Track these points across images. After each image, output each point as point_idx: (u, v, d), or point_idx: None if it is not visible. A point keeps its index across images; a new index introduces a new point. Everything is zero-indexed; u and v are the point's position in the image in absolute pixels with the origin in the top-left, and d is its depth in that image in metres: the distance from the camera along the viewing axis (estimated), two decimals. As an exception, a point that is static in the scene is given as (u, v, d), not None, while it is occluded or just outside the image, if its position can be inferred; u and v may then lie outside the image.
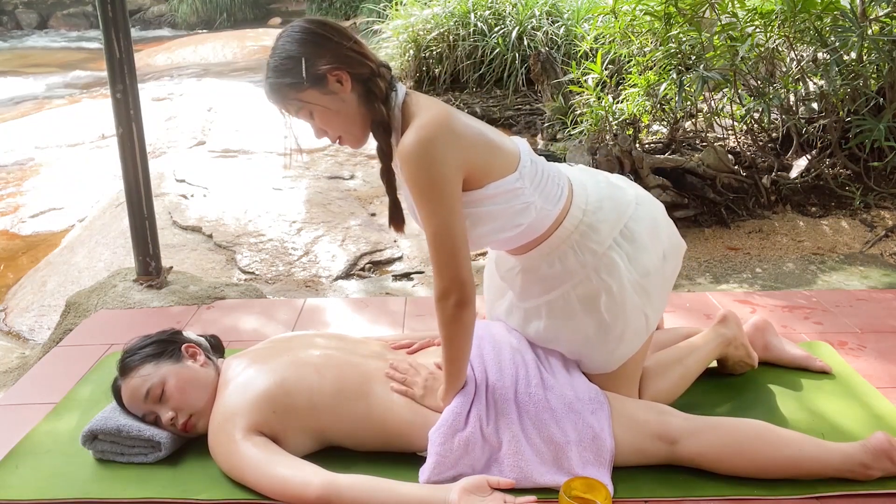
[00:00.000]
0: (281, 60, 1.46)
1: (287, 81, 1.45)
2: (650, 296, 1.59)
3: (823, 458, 1.48)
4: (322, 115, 1.48)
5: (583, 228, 1.56)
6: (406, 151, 1.41)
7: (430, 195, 1.42)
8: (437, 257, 1.44)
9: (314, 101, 1.46)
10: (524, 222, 1.53)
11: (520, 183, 1.51)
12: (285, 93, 1.47)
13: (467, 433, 1.49)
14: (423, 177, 1.41)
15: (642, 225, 1.60)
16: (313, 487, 1.41)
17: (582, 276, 1.56)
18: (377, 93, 1.48)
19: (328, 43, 1.46)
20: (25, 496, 1.51)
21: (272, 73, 1.47)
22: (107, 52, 2.47)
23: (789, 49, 3.70)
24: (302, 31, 1.47)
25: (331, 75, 1.45)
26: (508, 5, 6.29)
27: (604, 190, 1.62)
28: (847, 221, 3.60)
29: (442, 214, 1.43)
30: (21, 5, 15.84)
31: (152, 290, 2.64)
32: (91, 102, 7.52)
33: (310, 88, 1.45)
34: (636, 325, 1.59)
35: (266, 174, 4.64)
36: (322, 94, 1.46)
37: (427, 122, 1.42)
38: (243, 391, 1.57)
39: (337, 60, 1.45)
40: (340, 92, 1.46)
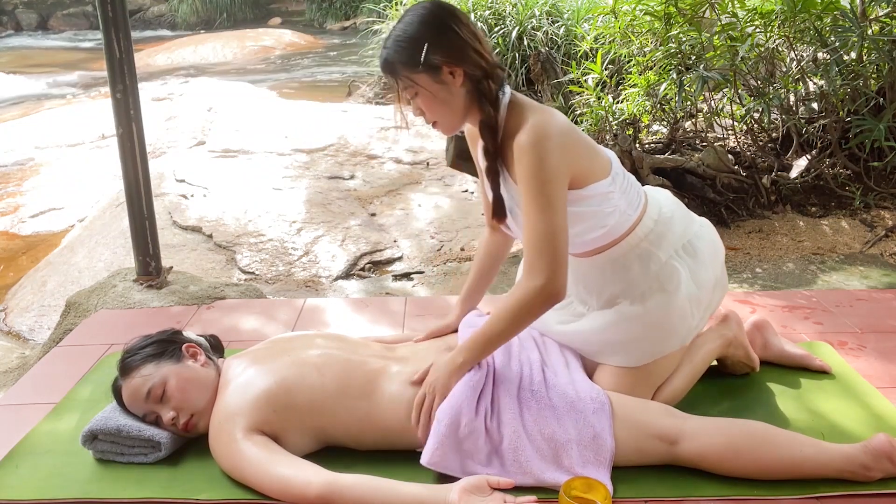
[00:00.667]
0: (404, 37, 1.48)
1: (403, 59, 1.48)
2: (699, 309, 1.65)
3: (824, 460, 1.48)
4: (426, 100, 1.51)
5: (652, 237, 1.63)
6: (523, 148, 1.45)
7: (543, 193, 1.46)
8: (543, 253, 1.47)
9: (423, 85, 1.49)
10: (609, 224, 1.59)
11: (612, 187, 1.58)
12: (398, 68, 1.49)
13: (474, 422, 1.49)
14: (539, 175, 1.45)
15: (705, 244, 1.69)
16: (314, 487, 1.41)
17: (643, 286, 1.62)
18: (486, 93, 1.51)
19: (453, 35, 1.48)
20: (25, 496, 1.51)
21: (392, 44, 1.49)
22: (107, 52, 2.47)
23: (789, 49, 3.70)
24: (431, 13, 1.49)
25: (446, 66, 1.47)
26: (508, 5, 6.29)
27: (675, 205, 1.72)
28: (847, 221, 3.60)
29: (553, 209, 1.46)
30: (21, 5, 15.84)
31: (152, 290, 2.64)
32: (91, 102, 7.52)
33: (423, 73, 1.47)
34: (679, 328, 1.64)
35: (266, 174, 4.65)
36: (433, 80, 1.49)
37: (542, 122, 1.47)
38: (244, 391, 1.57)
39: (456, 55, 1.48)
40: (451, 84, 1.49)
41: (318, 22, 14.47)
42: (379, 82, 6.99)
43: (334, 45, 11.73)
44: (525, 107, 1.53)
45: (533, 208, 1.47)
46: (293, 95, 7.69)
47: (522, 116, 1.50)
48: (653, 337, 1.63)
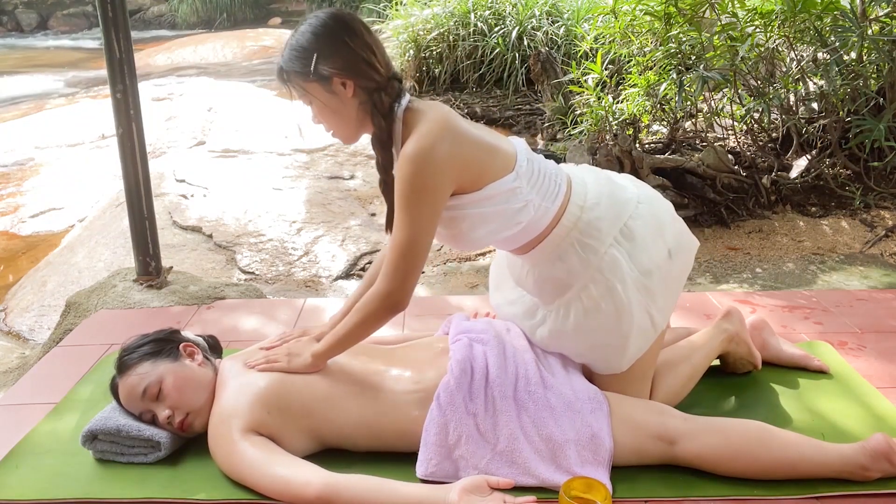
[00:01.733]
0: (297, 46, 1.50)
1: (295, 68, 1.50)
2: (654, 295, 1.59)
3: (822, 460, 1.48)
4: (320, 109, 1.52)
5: (581, 225, 1.57)
6: (404, 158, 1.44)
7: (416, 202, 1.45)
8: (398, 262, 1.48)
9: (315, 95, 1.50)
10: (523, 220, 1.54)
11: (517, 182, 1.53)
12: (291, 77, 1.51)
13: (462, 428, 1.49)
14: (415, 183, 1.44)
15: (642, 223, 1.60)
16: (313, 487, 1.41)
17: (587, 278, 1.57)
18: (379, 107, 1.50)
19: (343, 47, 1.48)
20: (25, 496, 1.51)
21: (287, 53, 1.51)
22: (107, 52, 2.47)
23: (789, 49, 3.70)
24: (324, 24, 1.49)
25: (336, 78, 1.47)
26: (508, 5, 6.29)
27: (603, 187, 1.63)
28: (847, 221, 3.60)
29: (420, 224, 1.46)
30: (21, 5, 15.84)
31: (152, 290, 2.64)
32: (91, 102, 7.52)
33: (314, 83, 1.49)
34: (641, 324, 1.58)
35: (266, 174, 4.64)
36: (324, 90, 1.49)
37: (428, 131, 1.45)
38: (241, 392, 1.57)
39: (346, 67, 1.48)
40: (342, 95, 1.49)
41: (319, 22, 14.45)
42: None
43: (334, 45, 11.71)
44: (418, 114, 1.50)
45: (399, 218, 1.47)
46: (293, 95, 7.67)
47: (415, 125, 1.48)
48: (619, 338, 1.58)
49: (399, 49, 6.59)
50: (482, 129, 1.57)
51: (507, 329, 1.75)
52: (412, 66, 6.51)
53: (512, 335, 1.72)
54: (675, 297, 1.68)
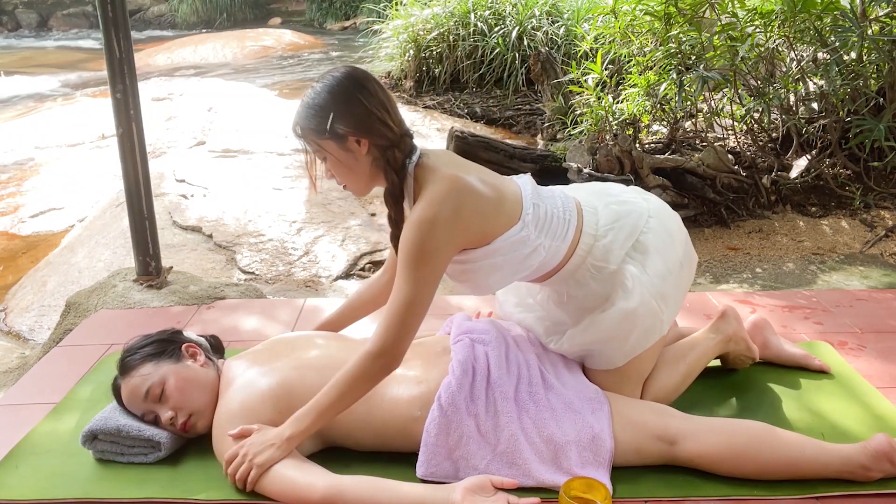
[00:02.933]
0: (312, 104, 1.51)
1: (311, 126, 1.51)
2: (665, 298, 1.63)
3: (823, 460, 1.48)
4: (334, 165, 1.54)
5: (596, 252, 1.61)
6: (410, 223, 1.47)
7: (418, 265, 1.47)
8: (394, 322, 1.47)
9: (330, 152, 1.52)
10: (535, 263, 1.58)
11: (524, 231, 1.55)
12: (306, 133, 1.53)
13: (463, 428, 1.50)
14: (418, 248, 1.46)
15: (654, 236, 1.64)
16: (317, 488, 1.41)
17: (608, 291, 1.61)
18: (392, 163, 1.52)
19: (359, 107, 1.49)
20: (25, 496, 1.52)
21: (302, 109, 1.53)
22: (107, 52, 2.47)
23: (789, 49, 3.70)
24: (339, 83, 1.50)
25: (351, 136, 1.49)
26: (508, 5, 6.29)
27: (614, 212, 1.67)
28: (847, 221, 3.60)
29: (419, 288, 1.47)
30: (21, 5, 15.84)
31: (152, 290, 2.64)
32: (91, 102, 7.52)
33: (329, 140, 1.50)
34: (648, 324, 1.61)
35: (266, 174, 4.64)
36: (339, 148, 1.51)
37: (434, 197, 1.47)
38: (245, 392, 1.57)
39: (361, 126, 1.49)
40: (356, 152, 1.51)
41: (318, 22, 14.47)
42: (379, 82, 6.98)
43: (334, 45, 11.73)
44: (430, 172, 1.51)
45: (401, 280, 1.48)
46: (293, 95, 7.68)
47: (426, 184, 1.50)
48: (623, 336, 1.61)
49: (399, 49, 6.59)
50: (489, 178, 1.57)
51: (509, 329, 1.76)
52: (412, 66, 6.51)
53: (514, 336, 1.73)
54: (679, 306, 1.71)
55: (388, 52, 6.84)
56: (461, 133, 3.81)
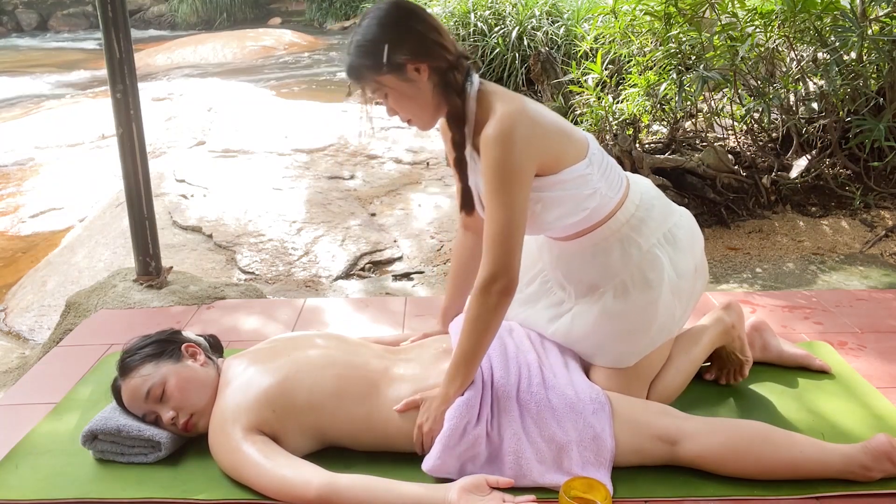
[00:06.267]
0: (364, 41, 1.48)
1: (367, 63, 1.48)
2: (681, 299, 1.65)
3: (824, 460, 1.48)
4: (396, 99, 1.52)
5: (634, 222, 1.62)
6: (489, 141, 1.45)
7: (506, 185, 1.46)
8: (496, 245, 1.47)
9: (390, 85, 1.49)
10: (589, 207, 1.58)
11: (589, 169, 1.57)
12: (364, 73, 1.50)
13: (479, 429, 1.50)
14: (501, 170, 1.45)
15: (684, 233, 1.68)
16: (313, 487, 1.41)
17: (625, 274, 1.61)
18: (453, 85, 1.51)
19: (412, 32, 1.48)
20: (25, 496, 1.51)
21: (354, 51, 1.50)
22: (107, 52, 2.47)
23: (789, 49, 3.70)
24: (388, 13, 1.49)
25: (410, 64, 1.47)
26: (508, 5, 6.29)
27: (655, 191, 1.71)
28: (847, 221, 3.60)
29: (513, 205, 1.46)
30: (21, 5, 15.84)
31: (152, 290, 2.64)
32: (91, 102, 7.52)
33: (388, 73, 1.47)
34: (664, 321, 1.63)
35: (266, 174, 4.64)
36: (399, 80, 1.48)
37: (509, 113, 1.46)
38: (244, 391, 1.57)
39: (418, 51, 1.47)
40: (418, 80, 1.49)
41: (318, 22, 14.47)
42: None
43: (334, 45, 11.73)
44: (494, 96, 1.52)
45: (493, 203, 1.47)
46: (293, 95, 7.69)
47: (491, 106, 1.49)
48: (638, 334, 1.62)
49: (399, 49, 6.59)
50: (557, 116, 1.59)
51: (510, 330, 1.76)
52: (412, 66, 6.51)
53: (514, 336, 1.73)
54: (691, 310, 1.73)
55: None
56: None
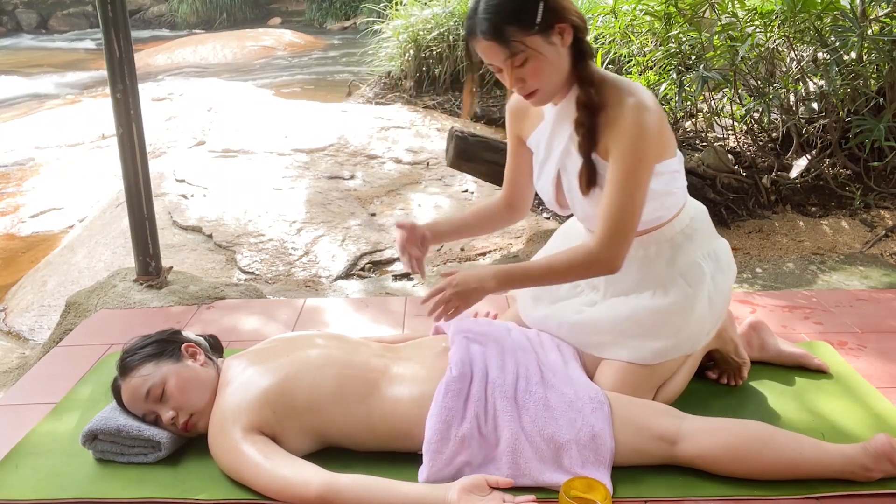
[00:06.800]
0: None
1: (515, 20, 1.39)
2: (713, 314, 1.66)
3: (824, 461, 1.47)
4: (537, 65, 1.43)
5: (688, 231, 1.65)
6: (629, 126, 1.44)
7: (638, 172, 1.46)
8: (617, 226, 1.48)
9: (535, 48, 1.41)
10: (668, 205, 1.60)
11: (678, 165, 1.59)
12: (509, 33, 1.39)
13: (464, 429, 1.49)
14: (639, 154, 1.45)
15: (725, 257, 1.71)
16: (313, 487, 1.41)
17: (667, 280, 1.64)
18: (588, 51, 1.47)
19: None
20: (25, 496, 1.51)
21: (498, 8, 1.40)
22: (107, 52, 2.47)
23: (789, 49, 3.70)
24: None
25: (558, 24, 1.41)
26: (509, 5, 6.29)
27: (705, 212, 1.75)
28: (847, 221, 3.60)
29: (640, 190, 1.48)
30: (21, 5, 15.84)
31: (152, 290, 2.64)
32: (91, 102, 7.52)
33: (537, 34, 1.40)
34: (694, 330, 1.65)
35: (266, 174, 4.64)
36: (545, 41, 1.42)
37: (643, 99, 1.47)
38: (244, 391, 1.57)
39: (568, 13, 1.42)
40: (559, 45, 1.44)
41: (318, 22, 14.47)
42: (379, 82, 6.99)
43: (334, 45, 11.73)
44: (606, 75, 1.50)
45: (627, 185, 1.46)
46: (293, 95, 7.69)
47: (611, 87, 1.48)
48: (667, 335, 1.63)
49: (399, 49, 6.59)
50: None
51: (508, 329, 1.76)
52: (412, 66, 6.51)
53: (513, 335, 1.73)
54: (714, 333, 1.74)
55: (388, 52, 6.83)
56: (461, 133, 3.81)
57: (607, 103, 1.49)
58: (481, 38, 1.42)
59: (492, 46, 1.42)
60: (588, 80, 1.48)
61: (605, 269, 1.52)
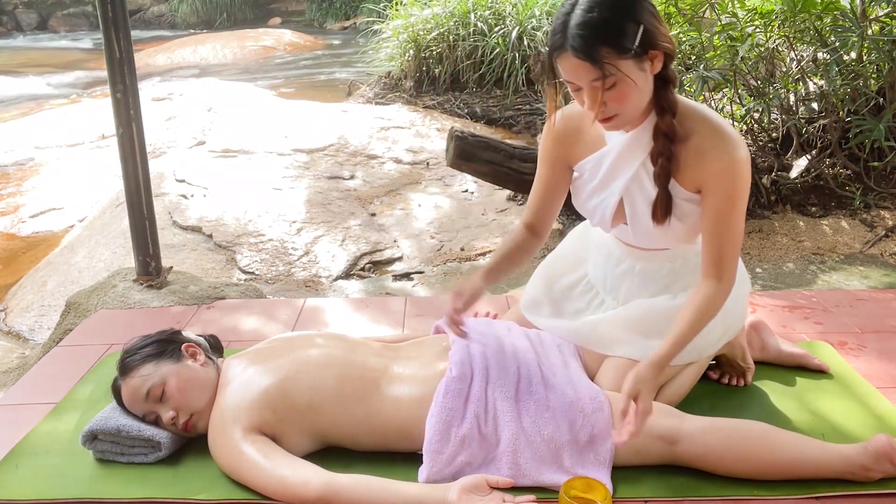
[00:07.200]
0: (615, 16, 1.32)
1: (611, 43, 1.31)
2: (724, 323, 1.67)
3: (824, 461, 1.48)
4: (624, 89, 1.36)
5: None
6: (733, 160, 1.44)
7: (741, 203, 1.48)
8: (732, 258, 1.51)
9: (627, 73, 1.34)
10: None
11: None
12: (602, 54, 1.31)
13: (464, 430, 1.49)
14: (743, 189, 1.48)
15: (741, 270, 1.71)
16: (313, 487, 1.41)
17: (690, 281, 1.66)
18: (672, 78, 1.43)
19: (654, 14, 1.35)
20: (25, 496, 1.51)
21: (594, 25, 1.31)
22: (107, 52, 2.47)
23: (789, 49, 3.70)
24: None
25: (652, 50, 1.35)
26: (508, 5, 6.29)
27: None
28: (847, 221, 3.60)
29: (741, 220, 1.50)
30: (21, 5, 15.84)
31: (152, 290, 2.64)
32: (91, 102, 7.52)
33: (631, 59, 1.33)
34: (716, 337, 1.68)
35: (266, 174, 4.64)
36: (637, 67, 1.35)
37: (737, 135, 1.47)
38: (243, 391, 1.57)
39: (663, 39, 1.36)
40: (649, 70, 1.38)
41: (318, 22, 14.48)
42: (379, 82, 6.99)
43: (334, 45, 11.74)
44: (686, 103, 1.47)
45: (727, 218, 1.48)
46: (293, 95, 7.69)
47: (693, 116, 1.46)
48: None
49: (399, 49, 6.60)
50: None
51: (508, 329, 1.76)
52: (412, 66, 6.52)
53: (513, 335, 1.73)
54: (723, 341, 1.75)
55: (388, 52, 6.84)
56: (461, 133, 3.81)
57: (692, 133, 1.46)
58: (571, 54, 1.33)
59: (581, 65, 1.33)
60: (670, 108, 1.44)
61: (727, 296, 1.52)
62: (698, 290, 1.52)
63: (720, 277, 1.50)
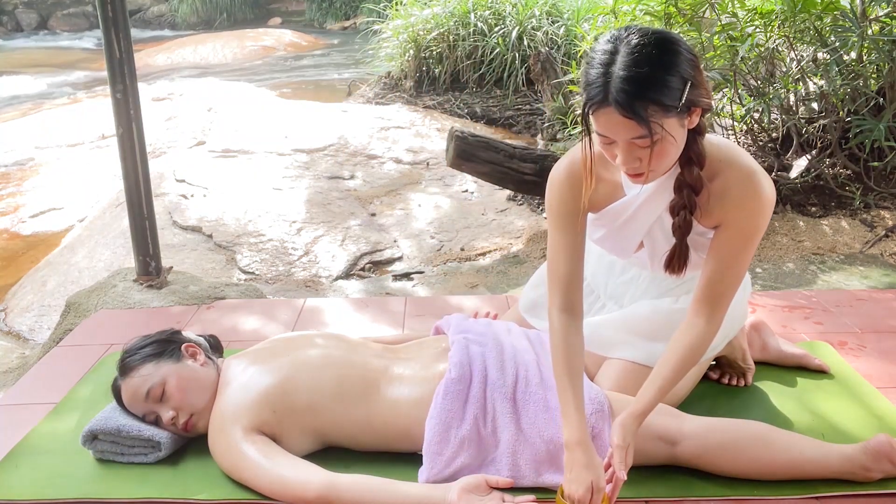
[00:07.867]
0: (663, 73, 1.22)
1: (658, 101, 1.22)
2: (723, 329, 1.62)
3: (823, 461, 1.48)
4: (664, 147, 1.27)
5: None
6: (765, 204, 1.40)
7: (755, 242, 1.43)
8: (721, 302, 1.44)
9: (669, 131, 1.25)
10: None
11: None
12: (649, 113, 1.21)
13: (463, 431, 1.49)
14: (759, 232, 1.42)
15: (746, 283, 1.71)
16: (313, 487, 1.41)
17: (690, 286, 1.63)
18: (704, 130, 1.35)
19: (700, 71, 1.27)
20: (25, 496, 1.52)
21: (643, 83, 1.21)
22: (107, 52, 2.47)
23: (789, 49, 3.69)
24: (685, 48, 1.25)
25: (695, 108, 1.28)
26: (508, 5, 6.29)
27: None
28: (847, 221, 3.59)
29: (749, 260, 1.46)
30: (21, 5, 15.83)
31: (152, 290, 2.64)
32: (91, 102, 7.52)
33: (675, 116, 1.24)
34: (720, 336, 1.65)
35: (266, 174, 4.64)
36: (679, 124, 1.27)
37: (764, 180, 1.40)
38: (244, 391, 1.57)
39: (705, 94, 1.29)
40: (688, 126, 1.30)
41: (318, 22, 14.47)
42: (379, 82, 6.99)
43: (334, 45, 11.73)
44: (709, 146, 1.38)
45: (743, 258, 1.43)
46: (293, 95, 7.69)
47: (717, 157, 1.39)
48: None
49: (399, 49, 6.59)
50: None
51: (508, 330, 1.75)
52: (412, 66, 6.52)
53: (512, 336, 1.73)
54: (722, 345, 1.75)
55: (388, 52, 6.84)
56: (461, 133, 3.81)
57: (716, 175, 1.40)
58: (615, 110, 1.22)
59: (624, 122, 1.23)
60: (697, 160, 1.36)
61: (711, 341, 1.46)
62: (685, 333, 1.44)
63: (711, 318, 1.43)
